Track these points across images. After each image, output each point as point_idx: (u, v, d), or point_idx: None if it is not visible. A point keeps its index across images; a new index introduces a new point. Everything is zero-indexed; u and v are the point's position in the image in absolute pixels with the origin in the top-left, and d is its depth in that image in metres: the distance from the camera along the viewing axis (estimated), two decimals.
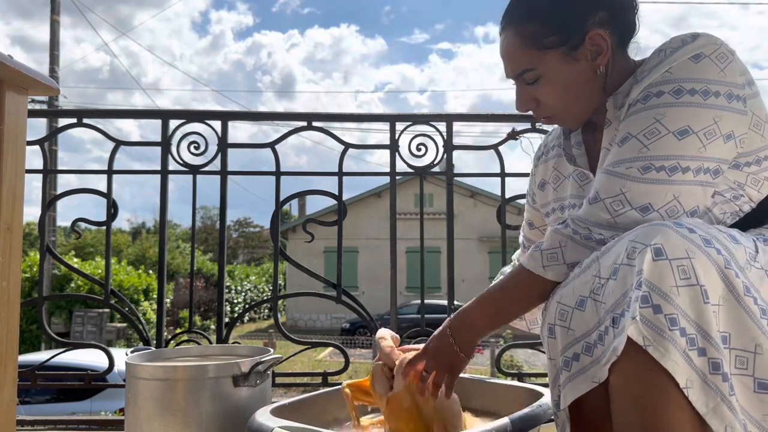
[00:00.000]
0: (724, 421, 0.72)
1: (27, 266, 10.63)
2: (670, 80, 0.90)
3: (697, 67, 0.90)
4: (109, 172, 1.92)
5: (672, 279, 0.74)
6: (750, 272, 0.80)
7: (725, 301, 0.76)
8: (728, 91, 0.89)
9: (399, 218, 1.93)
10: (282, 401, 1.23)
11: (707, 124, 0.87)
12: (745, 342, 0.75)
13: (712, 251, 0.77)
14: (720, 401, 0.72)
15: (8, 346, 0.98)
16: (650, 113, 0.90)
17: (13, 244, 1.00)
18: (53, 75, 12.20)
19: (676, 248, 0.76)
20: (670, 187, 0.87)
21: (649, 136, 0.89)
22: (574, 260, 0.92)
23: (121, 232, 32.03)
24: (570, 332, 0.85)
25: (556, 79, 1.00)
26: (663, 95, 0.90)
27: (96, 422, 1.97)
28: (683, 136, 0.87)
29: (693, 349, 0.73)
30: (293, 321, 20.19)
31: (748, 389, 0.75)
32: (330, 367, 2.01)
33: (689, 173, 0.87)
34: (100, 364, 2.05)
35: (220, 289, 1.93)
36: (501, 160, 1.95)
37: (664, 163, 0.87)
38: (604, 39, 0.98)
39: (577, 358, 0.83)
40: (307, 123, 1.96)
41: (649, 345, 0.73)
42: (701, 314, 0.74)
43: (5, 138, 0.98)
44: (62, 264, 2.02)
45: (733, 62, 0.91)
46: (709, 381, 0.73)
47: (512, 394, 1.31)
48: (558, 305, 0.88)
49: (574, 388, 0.83)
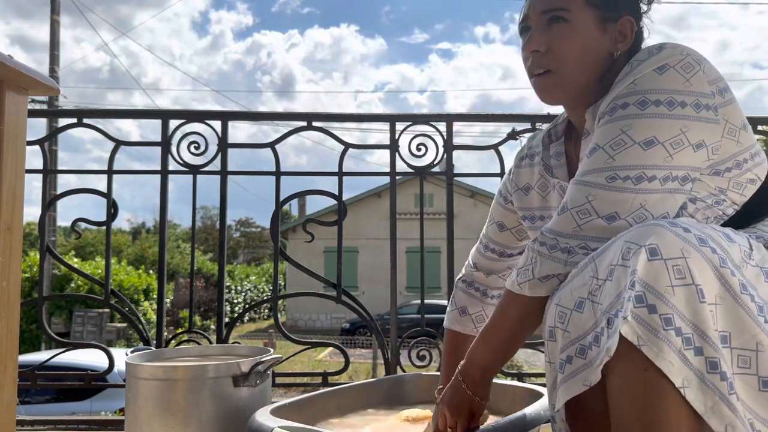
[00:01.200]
0: (724, 420, 0.72)
1: (27, 266, 10.63)
2: (635, 92, 0.91)
3: (661, 78, 0.90)
4: (109, 172, 1.92)
5: (667, 279, 0.74)
6: (746, 270, 0.80)
7: (722, 300, 0.76)
8: (695, 100, 0.89)
9: (399, 218, 1.93)
10: (282, 401, 1.23)
11: (674, 134, 0.88)
12: (746, 340, 0.75)
13: (707, 250, 0.77)
14: (719, 400, 0.72)
15: (8, 346, 0.98)
16: (617, 125, 0.91)
17: (13, 244, 1.00)
18: (53, 75, 12.21)
19: (671, 248, 0.76)
20: (636, 196, 0.88)
21: (615, 147, 0.90)
22: (543, 274, 0.92)
23: (121, 232, 32.04)
24: (566, 334, 0.85)
25: (581, 34, 0.99)
26: (628, 107, 0.91)
27: (96, 422, 1.97)
28: (649, 146, 0.88)
29: (689, 348, 0.73)
30: (293, 321, 20.18)
31: (753, 388, 0.75)
32: (330, 367, 2.01)
33: (655, 182, 0.88)
34: (100, 364, 2.05)
35: (220, 289, 1.93)
36: (501, 160, 1.95)
37: (629, 173, 0.88)
38: (632, 30, 1.01)
39: (570, 360, 0.84)
40: (307, 123, 1.96)
41: (643, 345, 0.73)
42: (697, 313, 0.73)
43: (5, 138, 0.98)
44: (62, 264, 2.02)
45: (700, 72, 0.90)
46: (707, 380, 0.72)
47: (512, 394, 1.31)
48: (557, 308, 0.88)
49: (566, 390, 0.83)
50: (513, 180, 1.23)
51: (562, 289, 0.90)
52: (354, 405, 1.36)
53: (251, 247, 39.53)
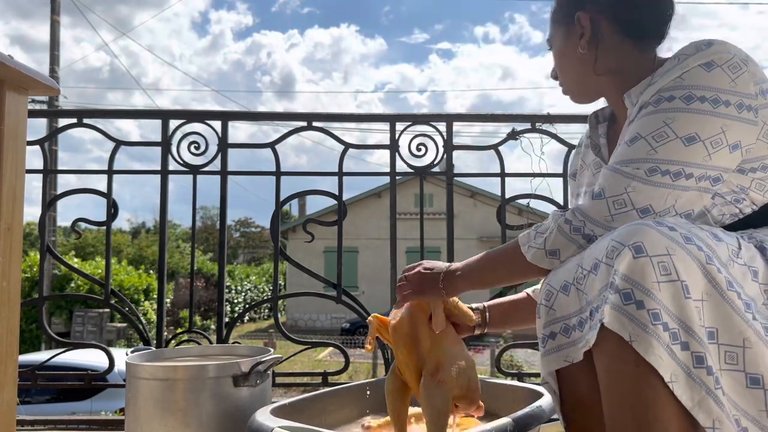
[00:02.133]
0: (711, 415, 0.73)
1: (27, 266, 10.63)
2: (682, 86, 0.92)
3: (708, 76, 0.91)
4: (109, 172, 1.92)
5: (653, 275, 0.75)
6: (733, 268, 0.81)
7: (709, 297, 0.77)
8: (739, 101, 0.90)
9: (399, 218, 1.93)
10: (282, 401, 1.23)
11: (715, 132, 0.89)
12: (733, 336, 0.76)
13: (693, 248, 0.78)
14: (705, 394, 0.73)
15: (8, 346, 0.98)
16: (660, 116, 0.91)
17: (14, 244, 1.00)
18: (53, 75, 12.21)
19: (656, 245, 0.77)
20: (671, 192, 0.88)
21: (658, 139, 0.90)
22: (553, 248, 0.94)
23: (121, 232, 32.01)
24: (551, 312, 0.89)
25: (557, 51, 1.14)
26: (674, 100, 0.92)
27: (96, 422, 1.97)
28: (690, 142, 0.88)
29: (676, 343, 0.74)
30: (293, 321, 20.18)
31: (741, 385, 0.76)
32: (330, 367, 2.01)
33: (692, 180, 0.89)
34: (100, 364, 2.05)
35: (221, 289, 1.93)
36: (501, 160, 1.95)
37: (669, 168, 0.88)
38: (586, 21, 1.06)
39: (553, 336, 0.88)
40: (307, 123, 1.96)
41: (634, 341, 0.74)
42: (683, 309, 0.75)
43: (5, 138, 0.98)
44: (62, 264, 2.02)
45: (746, 72, 0.91)
46: (694, 375, 0.73)
47: (512, 394, 1.32)
48: (547, 286, 0.92)
49: (547, 363, 0.88)
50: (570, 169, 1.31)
51: (555, 272, 0.93)
52: (353, 407, 1.36)
53: (251, 247, 39.53)
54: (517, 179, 1.99)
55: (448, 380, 1.09)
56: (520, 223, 1.93)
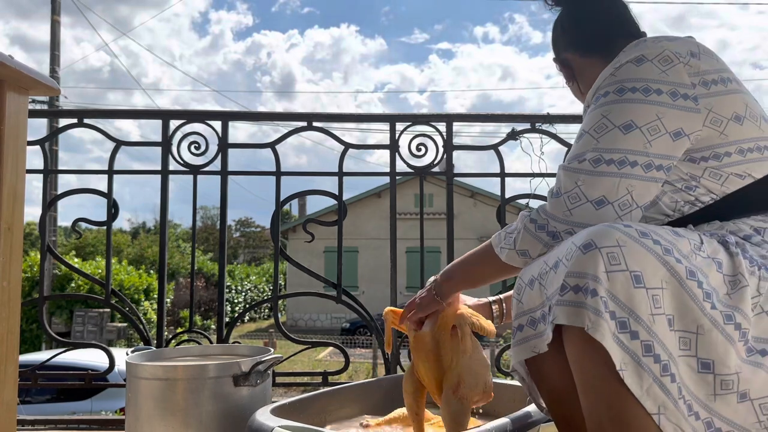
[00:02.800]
0: (657, 402, 0.75)
1: (27, 266, 10.64)
2: (614, 81, 0.98)
3: (638, 69, 0.97)
4: (110, 172, 1.92)
5: (602, 265, 0.78)
6: (695, 259, 0.83)
7: (668, 284, 0.79)
8: (672, 89, 0.94)
9: (399, 218, 1.93)
10: (282, 401, 1.23)
11: (650, 119, 0.93)
12: (688, 323, 0.78)
13: (648, 241, 0.80)
14: (652, 382, 0.75)
15: (9, 346, 0.98)
16: (599, 111, 0.97)
17: (14, 244, 1.00)
18: (54, 75, 12.21)
19: (607, 239, 0.80)
20: (621, 180, 0.91)
21: (598, 131, 0.95)
22: (523, 248, 0.98)
23: (121, 232, 32.01)
24: (520, 305, 0.93)
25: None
26: (608, 95, 0.98)
27: (96, 422, 1.97)
28: (628, 130, 0.93)
29: (625, 332, 0.76)
30: (293, 321, 20.19)
31: (693, 370, 0.78)
32: (330, 367, 2.02)
33: (638, 167, 0.92)
34: (100, 363, 2.05)
35: (221, 288, 1.93)
36: (501, 160, 1.95)
37: (612, 156, 0.92)
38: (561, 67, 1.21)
39: (521, 328, 0.92)
40: (307, 123, 1.96)
41: (590, 328, 0.76)
42: (632, 298, 0.77)
43: (6, 138, 0.98)
44: (63, 264, 2.02)
45: (680, 65, 0.96)
46: (643, 363, 0.75)
47: (512, 394, 1.32)
48: (518, 280, 0.97)
49: (516, 354, 0.92)
50: None
51: (526, 268, 0.97)
52: (352, 407, 1.36)
53: (251, 247, 39.53)
54: (516, 179, 1.99)
55: (468, 395, 1.13)
56: None
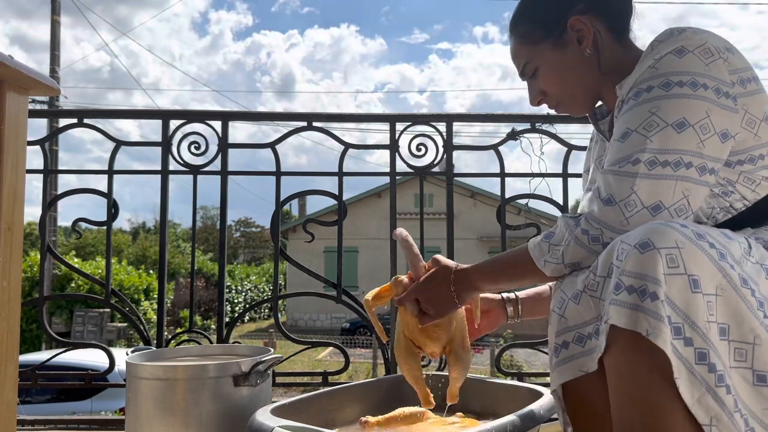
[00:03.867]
0: (710, 413, 0.72)
1: (27, 266, 10.63)
2: (657, 75, 0.92)
3: (681, 61, 0.91)
4: (110, 172, 1.92)
5: (661, 267, 0.74)
6: (746, 266, 0.80)
7: (723, 292, 0.75)
8: (716, 86, 0.89)
9: (399, 218, 1.93)
10: (282, 401, 1.23)
11: (701, 116, 0.88)
12: (744, 333, 0.75)
13: (705, 244, 0.77)
14: (705, 392, 0.72)
15: (9, 346, 0.98)
16: (644, 107, 0.91)
17: (14, 244, 1.00)
18: (54, 75, 12.20)
19: (665, 239, 0.76)
20: (678, 183, 0.87)
21: (649, 129, 0.89)
22: (573, 261, 0.92)
23: (121, 233, 32.01)
24: (563, 320, 0.88)
25: (551, 67, 1.10)
26: (653, 90, 0.91)
27: (96, 422, 1.97)
28: (681, 128, 0.87)
29: (679, 338, 0.73)
30: (293, 321, 20.17)
31: (748, 383, 0.75)
32: (330, 367, 2.01)
33: (693, 170, 0.87)
34: (100, 363, 2.05)
35: (221, 288, 1.93)
36: (501, 160, 1.95)
37: (668, 158, 0.87)
38: (584, 23, 1.05)
39: (566, 345, 0.87)
40: (307, 123, 1.96)
41: (651, 333, 0.73)
42: (689, 303, 0.74)
43: (6, 138, 0.98)
44: (63, 264, 2.02)
45: (720, 60, 0.91)
46: (696, 371, 0.72)
47: (512, 394, 1.31)
48: (560, 293, 0.91)
49: (560, 374, 0.87)
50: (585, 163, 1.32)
51: (569, 277, 0.92)
52: (352, 407, 1.36)
53: (251, 247, 39.52)
54: (516, 179, 1.99)
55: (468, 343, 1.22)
56: (520, 224, 1.93)
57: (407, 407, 1.31)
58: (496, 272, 1.06)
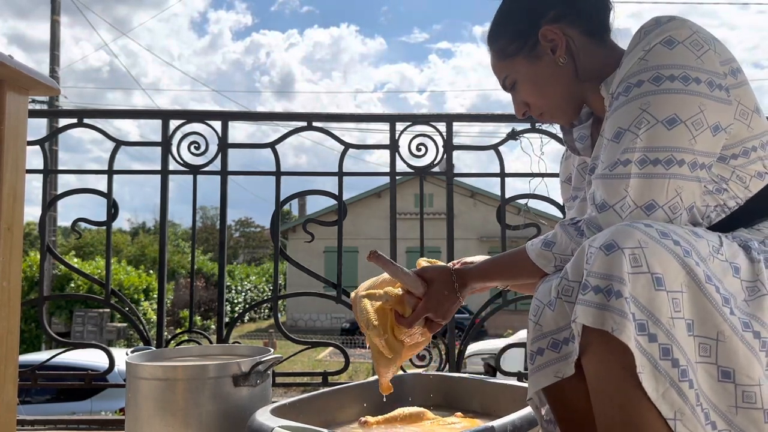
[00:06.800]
0: (674, 407, 0.73)
1: (27, 266, 10.63)
2: (648, 68, 0.89)
3: (671, 53, 0.88)
4: (110, 172, 1.92)
5: (626, 266, 0.76)
6: (712, 263, 0.81)
7: (688, 288, 0.77)
8: (709, 79, 0.87)
9: (399, 218, 1.93)
10: (282, 401, 1.23)
11: (693, 112, 0.86)
12: (708, 329, 0.76)
13: (669, 242, 0.78)
14: (669, 386, 0.73)
15: (8, 346, 0.98)
16: (635, 104, 0.89)
17: (14, 244, 1.00)
18: (53, 75, 12.20)
19: (628, 239, 0.77)
20: (670, 181, 0.86)
21: (640, 126, 0.88)
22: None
23: (121, 233, 32.00)
24: (537, 327, 0.89)
25: (528, 79, 1.09)
26: (643, 84, 0.89)
27: (96, 422, 1.97)
28: (672, 125, 0.86)
29: (643, 334, 0.74)
30: (293, 321, 20.17)
31: (713, 378, 0.76)
32: (330, 367, 2.01)
33: (685, 167, 0.86)
34: (100, 363, 2.06)
35: (221, 289, 1.93)
36: (501, 160, 1.95)
37: (658, 156, 0.86)
38: (555, 32, 1.04)
39: (541, 352, 0.87)
40: (307, 123, 1.96)
41: (615, 329, 0.74)
42: (652, 301, 0.75)
43: (5, 138, 0.98)
44: (63, 264, 2.02)
45: (711, 51, 0.89)
46: (660, 366, 0.73)
47: (512, 394, 1.32)
48: (535, 301, 0.92)
49: (535, 381, 0.87)
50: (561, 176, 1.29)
51: (543, 283, 0.93)
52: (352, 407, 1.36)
53: (251, 247, 39.52)
54: (516, 179, 1.99)
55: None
56: (520, 224, 1.93)
57: (407, 407, 1.31)
58: (495, 274, 1.08)
